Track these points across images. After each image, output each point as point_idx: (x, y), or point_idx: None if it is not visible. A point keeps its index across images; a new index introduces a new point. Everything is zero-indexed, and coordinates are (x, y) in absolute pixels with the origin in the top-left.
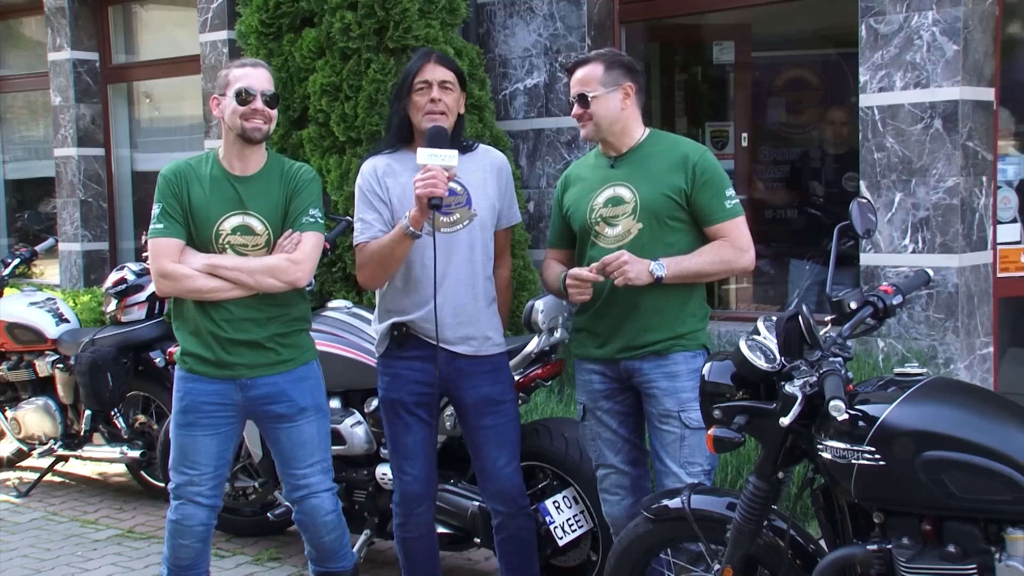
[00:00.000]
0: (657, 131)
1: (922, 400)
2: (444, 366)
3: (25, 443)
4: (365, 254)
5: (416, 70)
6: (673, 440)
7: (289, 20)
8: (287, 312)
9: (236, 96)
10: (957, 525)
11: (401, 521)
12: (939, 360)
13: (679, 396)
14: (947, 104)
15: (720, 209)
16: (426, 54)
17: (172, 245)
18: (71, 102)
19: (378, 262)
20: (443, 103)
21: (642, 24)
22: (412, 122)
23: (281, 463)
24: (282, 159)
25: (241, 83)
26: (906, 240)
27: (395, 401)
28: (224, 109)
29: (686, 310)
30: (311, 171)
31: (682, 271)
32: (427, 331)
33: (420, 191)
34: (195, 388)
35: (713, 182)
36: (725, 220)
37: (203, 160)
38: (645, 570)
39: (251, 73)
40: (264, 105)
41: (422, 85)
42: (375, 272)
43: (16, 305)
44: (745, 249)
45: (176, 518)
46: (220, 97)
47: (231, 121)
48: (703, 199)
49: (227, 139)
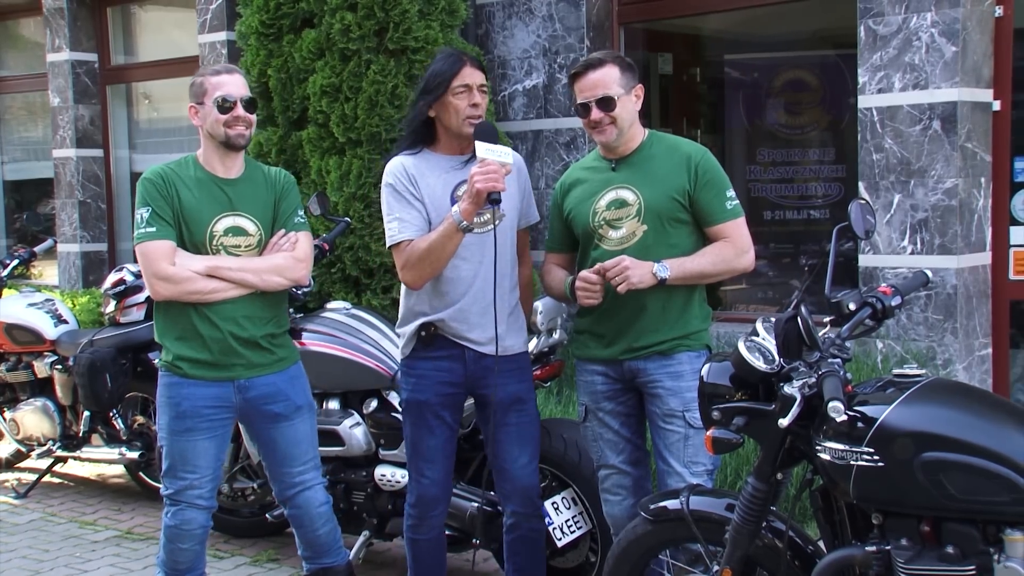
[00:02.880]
0: (656, 132)
1: (921, 401)
2: (472, 365)
3: (24, 444)
4: (413, 252)
5: (454, 73)
6: (677, 440)
7: (289, 21)
8: (278, 312)
9: (217, 105)
10: (956, 526)
11: (414, 523)
12: (938, 361)
13: (683, 396)
14: (946, 105)
15: (721, 210)
16: (459, 56)
17: (166, 247)
18: (70, 103)
19: (428, 259)
20: (481, 107)
21: (641, 25)
22: (441, 123)
23: (275, 463)
24: (258, 163)
25: (220, 91)
26: (905, 241)
27: (422, 403)
28: (204, 117)
29: (689, 311)
30: (290, 175)
31: (685, 272)
32: (456, 330)
33: (480, 185)
34: (192, 392)
35: (715, 182)
36: (726, 220)
37: (184, 164)
38: (644, 571)
39: (228, 80)
40: (244, 111)
41: (462, 89)
42: (424, 270)
43: (15, 306)
44: (745, 250)
45: (175, 523)
46: (198, 105)
47: (213, 129)
48: (705, 199)
49: (208, 145)
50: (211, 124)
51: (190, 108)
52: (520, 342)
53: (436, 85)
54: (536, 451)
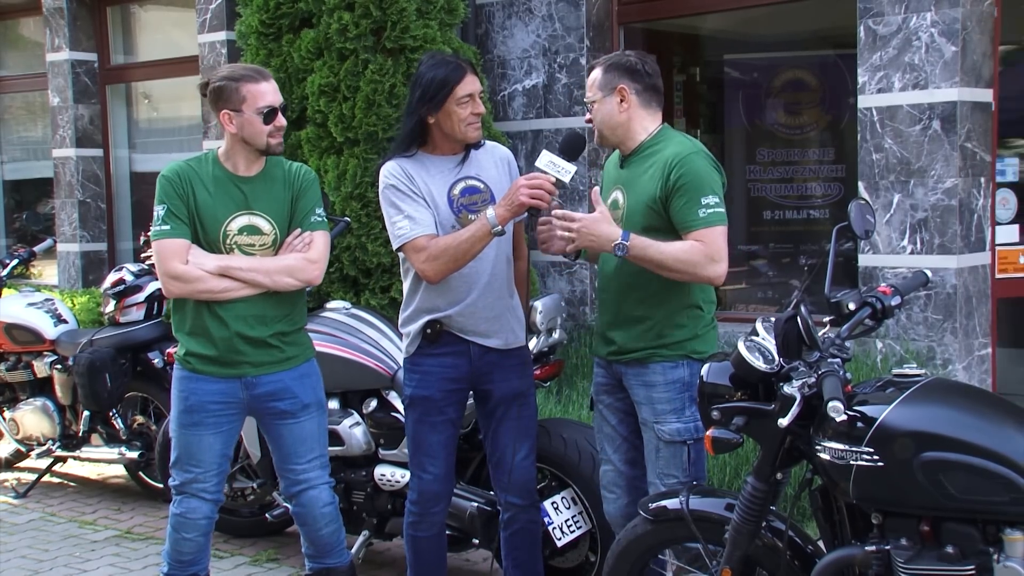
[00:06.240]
0: (667, 130)
1: (920, 401)
2: (476, 360)
3: (23, 444)
4: (437, 247)
5: (457, 81)
6: (651, 450)
7: (288, 21)
8: (291, 311)
9: (263, 117)
10: (955, 526)
11: (415, 520)
12: (937, 361)
13: (655, 407)
14: (945, 105)
15: (692, 217)
16: (459, 64)
17: (180, 246)
18: (69, 103)
19: (454, 257)
20: (482, 112)
21: (641, 25)
22: (440, 129)
23: (281, 458)
24: (280, 159)
25: (263, 101)
26: (904, 241)
27: (425, 399)
28: (242, 126)
29: (672, 319)
30: (311, 171)
31: (645, 256)
32: (461, 326)
33: (525, 199)
34: (199, 388)
35: (689, 188)
36: (698, 228)
37: (203, 161)
38: (643, 571)
39: (268, 89)
40: (282, 117)
41: (466, 100)
42: (449, 266)
43: (14, 306)
44: (716, 259)
45: (180, 511)
46: (234, 113)
47: (255, 139)
48: (676, 205)
49: (235, 146)
50: (252, 134)
51: (223, 114)
52: (521, 335)
53: (437, 93)
54: (534, 445)
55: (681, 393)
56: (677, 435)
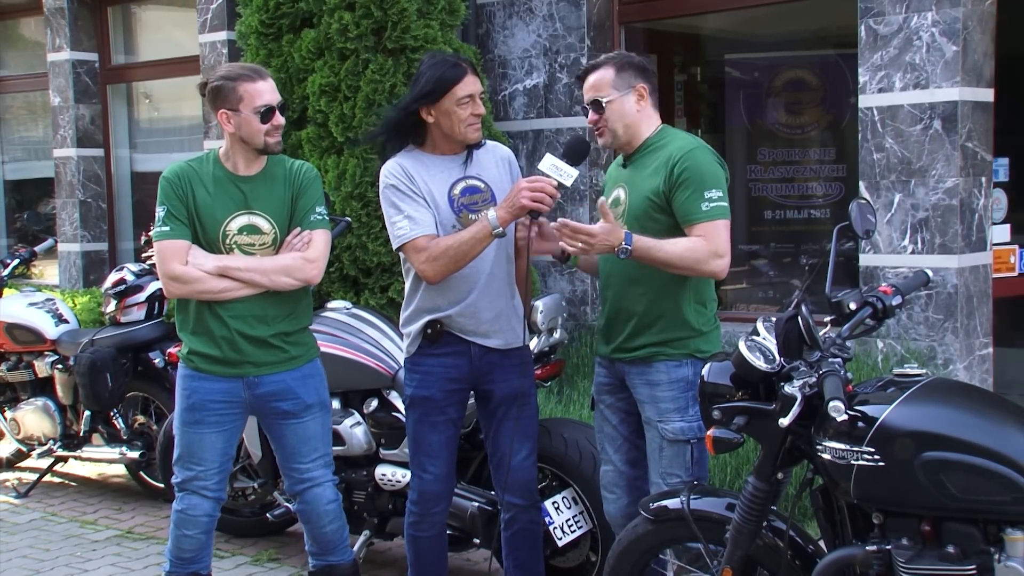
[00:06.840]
0: (668, 129)
1: (921, 401)
2: (477, 360)
3: (24, 444)
4: (436, 249)
5: (457, 81)
6: (654, 449)
7: (289, 21)
8: (294, 310)
9: (260, 116)
10: (956, 526)
11: (415, 520)
12: (938, 361)
13: (659, 406)
14: (946, 105)
15: (695, 210)
16: (462, 64)
17: (179, 247)
18: (70, 103)
19: (455, 258)
20: (482, 112)
21: (641, 25)
22: (439, 128)
23: (284, 457)
24: (283, 157)
25: (260, 101)
26: (905, 241)
27: (426, 399)
28: (239, 125)
29: (677, 317)
30: (313, 169)
31: (649, 256)
32: (462, 326)
33: (527, 203)
34: (202, 386)
35: (692, 181)
36: (701, 221)
37: (204, 160)
38: (644, 570)
39: (265, 88)
40: (280, 116)
41: (467, 100)
42: (449, 268)
43: (15, 306)
44: (719, 254)
45: (182, 508)
46: (231, 112)
47: (251, 138)
48: (679, 199)
49: (234, 145)
50: (249, 133)
51: (221, 114)
52: (519, 336)
53: (437, 89)
54: (535, 445)
55: (685, 392)
56: (681, 434)
